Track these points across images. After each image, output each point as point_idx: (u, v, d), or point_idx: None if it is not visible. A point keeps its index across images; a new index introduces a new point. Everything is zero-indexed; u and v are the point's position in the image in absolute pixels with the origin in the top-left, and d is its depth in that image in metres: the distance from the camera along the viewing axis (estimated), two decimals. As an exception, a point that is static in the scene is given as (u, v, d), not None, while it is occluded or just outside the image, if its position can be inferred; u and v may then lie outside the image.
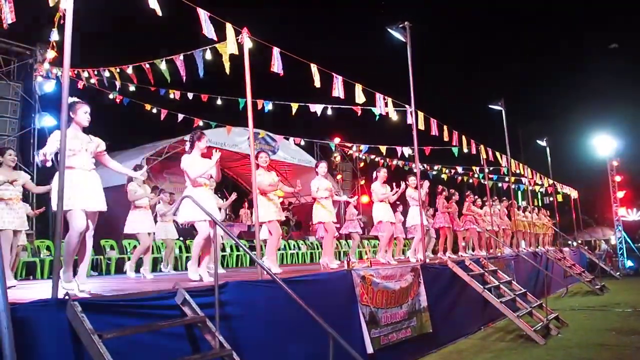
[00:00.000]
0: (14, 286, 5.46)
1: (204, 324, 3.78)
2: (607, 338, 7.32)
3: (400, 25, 8.00)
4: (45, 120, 11.86)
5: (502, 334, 8.11)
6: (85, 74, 9.69)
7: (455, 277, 8.10)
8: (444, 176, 17.31)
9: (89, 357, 3.09)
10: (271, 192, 6.60)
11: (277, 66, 5.95)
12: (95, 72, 9.32)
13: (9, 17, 4.89)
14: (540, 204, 20.25)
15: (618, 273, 18.19)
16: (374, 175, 8.65)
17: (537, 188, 19.27)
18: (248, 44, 5.29)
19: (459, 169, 17.02)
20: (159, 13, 4.54)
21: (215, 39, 5.18)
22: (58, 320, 3.16)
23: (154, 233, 7.81)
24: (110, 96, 10.82)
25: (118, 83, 9.25)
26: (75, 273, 4.33)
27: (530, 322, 7.74)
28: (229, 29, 5.22)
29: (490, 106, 12.51)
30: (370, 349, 5.78)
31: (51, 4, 4.27)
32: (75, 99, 4.52)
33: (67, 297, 3.23)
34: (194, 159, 5.63)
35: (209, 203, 5.34)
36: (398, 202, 11.25)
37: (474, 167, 16.50)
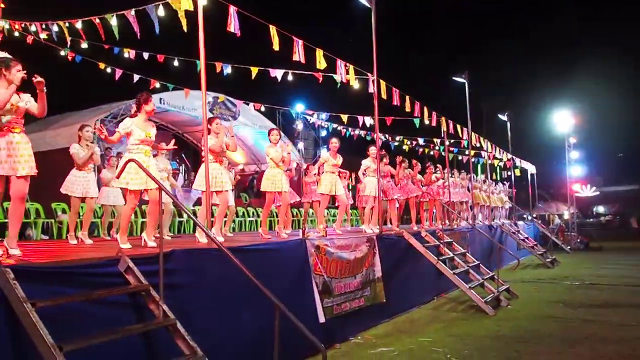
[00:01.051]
0: None
1: (148, 292, 3.65)
2: (555, 310, 7.57)
3: (366, -9, 7.80)
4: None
5: (454, 304, 8.29)
6: (33, 28, 9.12)
7: (410, 248, 8.17)
8: (405, 147, 17.40)
9: (23, 326, 2.94)
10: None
11: (233, 26, 5.70)
12: (43, 26, 8.78)
13: None
14: (498, 178, 20.67)
15: (569, 247, 18.87)
16: (327, 146, 8.55)
17: (496, 162, 19.63)
18: (203, 1, 5.02)
19: (421, 141, 17.12)
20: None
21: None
22: (-13, 288, 2.98)
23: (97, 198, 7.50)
24: (62, 53, 10.28)
25: (69, 39, 8.74)
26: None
27: (481, 293, 7.91)
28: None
29: (453, 78, 12.52)
30: (322, 318, 5.78)
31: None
32: (7, 55, 4.20)
33: (-3, 264, 3.04)
34: (133, 122, 5.32)
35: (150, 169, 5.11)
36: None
37: (435, 140, 16.63)
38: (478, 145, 14.93)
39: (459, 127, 12.49)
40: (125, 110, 13.12)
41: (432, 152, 18.13)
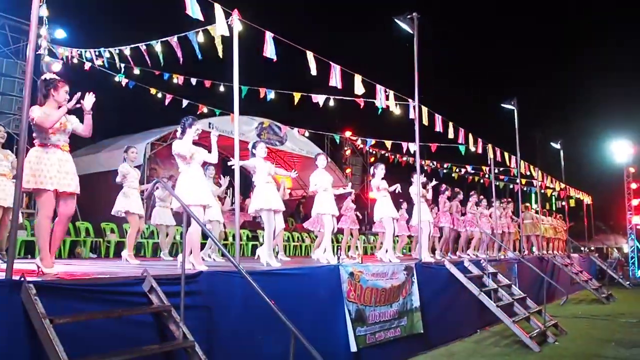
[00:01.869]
0: None
1: (169, 313, 3.64)
2: (606, 349, 7.06)
3: (408, 16, 7.77)
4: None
5: (497, 338, 7.89)
6: (88, 55, 9.60)
7: (451, 278, 7.88)
8: (454, 175, 17.02)
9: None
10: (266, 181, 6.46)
11: (270, 51, 5.76)
12: (97, 53, 9.23)
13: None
14: (552, 209, 19.84)
15: (628, 282, 17.74)
16: (372, 171, 8.43)
17: (549, 192, 18.86)
18: (238, 26, 5.11)
19: (469, 168, 16.70)
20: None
21: (201, 19, 5.01)
22: (12, 303, 3.04)
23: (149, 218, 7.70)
24: (116, 79, 10.74)
25: (121, 65, 9.14)
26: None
27: (526, 328, 7.51)
28: (218, 9, 5.05)
29: (502, 105, 12.21)
30: (354, 347, 5.63)
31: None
32: (55, 76, 4.40)
33: (22, 279, 3.11)
34: (185, 144, 5.45)
35: (202, 188, 5.21)
36: (401, 200, 11.07)
37: (484, 167, 16.18)
38: (528, 173, 14.40)
39: (506, 154, 12.10)
40: (175, 134, 13.52)
41: (481, 180, 17.63)
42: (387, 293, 6.46)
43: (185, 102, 10.99)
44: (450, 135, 9.55)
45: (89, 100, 4.31)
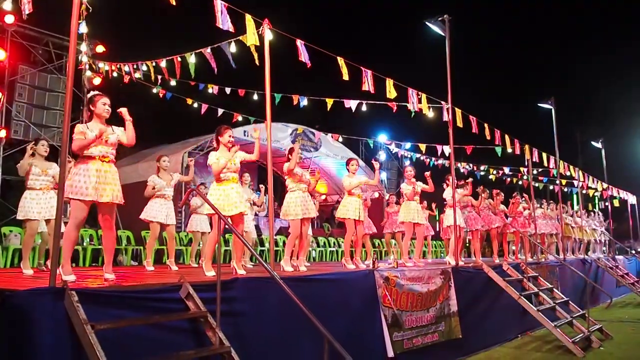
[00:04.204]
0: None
1: (206, 319, 3.70)
2: (655, 355, 6.80)
3: (440, 19, 7.70)
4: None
5: (539, 343, 7.69)
6: (127, 68, 9.90)
7: (490, 282, 7.73)
8: (491, 177, 16.72)
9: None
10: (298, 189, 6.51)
11: (303, 57, 5.83)
12: (135, 66, 9.51)
13: (27, 8, 5.01)
14: (595, 209, 19.19)
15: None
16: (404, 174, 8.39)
17: (590, 192, 18.27)
18: (269, 35, 5.18)
19: (507, 170, 16.37)
20: (173, 2, 4.49)
21: (231, 30, 5.10)
22: (55, 310, 3.15)
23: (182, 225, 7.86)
24: (154, 91, 11.03)
25: (157, 77, 9.40)
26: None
27: (570, 332, 7.29)
28: (249, 20, 5.14)
29: (539, 105, 11.93)
30: (391, 353, 5.58)
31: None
32: (95, 92, 4.58)
33: (64, 287, 3.23)
34: (219, 154, 5.53)
35: (233, 198, 5.27)
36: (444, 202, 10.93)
37: (522, 169, 15.82)
38: (568, 174, 14.00)
39: (544, 155, 11.80)
40: (212, 143, 13.78)
41: (520, 182, 17.24)
42: (424, 297, 6.39)
43: (220, 111, 11.19)
44: (487, 137, 9.39)
45: (124, 110, 4.46)
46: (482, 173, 16.82)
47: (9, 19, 9.33)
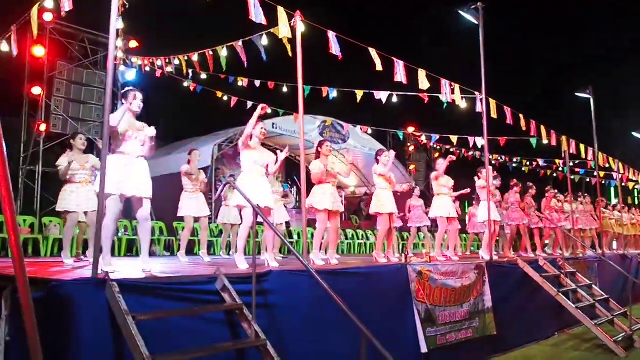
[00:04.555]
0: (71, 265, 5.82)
1: (242, 311, 3.73)
2: (701, 354, 6.56)
3: (473, 7, 7.54)
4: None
5: (577, 342, 7.49)
6: (159, 62, 10.02)
7: (526, 277, 7.57)
8: (524, 169, 16.38)
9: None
10: (328, 181, 6.47)
11: (334, 49, 5.79)
12: (167, 60, 9.61)
13: (67, 5, 5.10)
14: (635, 202, 18.62)
15: None
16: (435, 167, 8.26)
17: (630, 185, 17.72)
18: (301, 27, 5.15)
19: (541, 162, 15.99)
20: (207, -1, 4.50)
21: (264, 23, 5.09)
22: (97, 300, 3.22)
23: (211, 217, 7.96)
24: (185, 84, 11.15)
25: (189, 71, 9.50)
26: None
27: (610, 331, 7.08)
28: (281, 12, 5.12)
29: (577, 95, 11.60)
30: (424, 348, 5.53)
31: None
32: (129, 88, 4.64)
33: (106, 277, 3.29)
34: (251, 148, 5.56)
35: (260, 190, 5.29)
36: (474, 196, 10.77)
37: (557, 161, 15.44)
38: (607, 166, 13.59)
39: (582, 146, 11.48)
40: (241, 135, 13.86)
41: (554, 174, 16.83)
42: (458, 293, 6.30)
43: (249, 104, 11.23)
44: (523, 128, 9.18)
45: (151, 130, 4.52)
46: (514, 165, 16.49)
47: (48, 16, 9.54)
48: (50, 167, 11.29)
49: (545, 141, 10.36)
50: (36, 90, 11.08)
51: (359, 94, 8.97)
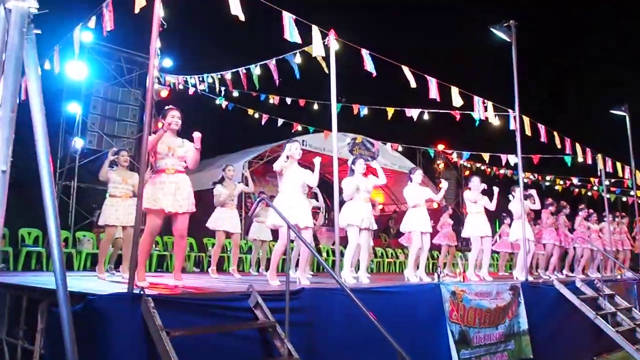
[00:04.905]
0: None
1: (274, 329, 3.71)
2: None
3: (505, 24, 7.48)
4: (160, 125, 12.71)
5: (617, 366, 7.24)
6: (193, 81, 10.21)
7: (562, 300, 7.35)
8: (558, 187, 16.02)
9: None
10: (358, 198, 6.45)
11: (369, 66, 5.81)
12: (200, 79, 9.79)
13: (109, 25, 5.25)
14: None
15: None
16: (468, 185, 8.15)
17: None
18: (335, 46, 5.19)
19: (575, 181, 15.63)
20: (242, 18, 4.57)
21: (299, 42, 5.15)
22: (133, 314, 3.24)
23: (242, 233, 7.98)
24: (217, 102, 11.32)
25: (221, 88, 9.65)
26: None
27: (651, 356, 6.80)
28: (315, 31, 5.16)
29: (612, 112, 11.35)
30: (458, 370, 5.40)
31: (136, 10, 4.48)
32: (168, 107, 4.73)
33: (141, 292, 3.31)
34: (288, 165, 5.57)
35: (297, 208, 5.29)
36: (504, 214, 10.57)
37: (592, 179, 15.06)
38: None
39: (619, 164, 11.18)
40: (271, 152, 13.98)
41: (589, 193, 16.42)
42: (492, 314, 6.16)
43: (280, 121, 11.33)
44: (554, 145, 9.01)
45: (197, 137, 4.56)
46: (547, 184, 16.16)
47: (87, 36, 9.85)
48: (85, 182, 11.57)
49: (580, 159, 10.13)
50: (73, 108, 11.40)
51: (390, 111, 8.95)
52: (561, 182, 16.05)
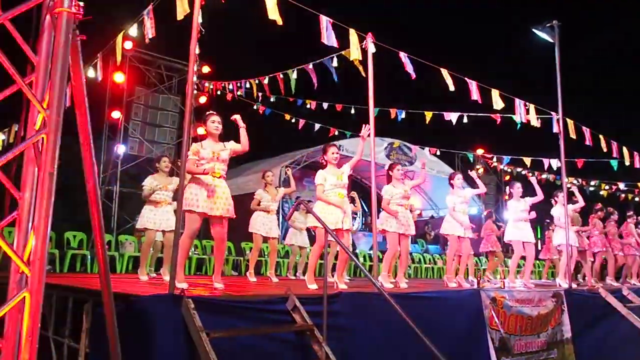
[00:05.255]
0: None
1: (312, 332, 3.70)
2: None
3: (548, 25, 7.30)
4: (199, 130, 12.94)
5: (667, 379, 6.92)
6: (231, 86, 10.37)
7: (608, 308, 7.09)
8: (603, 192, 15.49)
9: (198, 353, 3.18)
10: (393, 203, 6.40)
11: (408, 68, 5.77)
12: (238, 84, 9.93)
13: (151, 32, 5.38)
14: None
15: None
16: (508, 191, 7.97)
17: None
18: (372, 49, 5.17)
19: (621, 185, 15.08)
20: (280, 23, 4.61)
21: (336, 46, 5.15)
22: (173, 315, 3.29)
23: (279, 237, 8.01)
24: (254, 107, 11.46)
25: (259, 94, 9.76)
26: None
27: None
28: (353, 34, 5.16)
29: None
30: (499, 378, 5.27)
31: (179, 17, 4.58)
32: (209, 112, 4.82)
33: (182, 294, 3.37)
34: (325, 173, 5.58)
35: (336, 213, 5.29)
36: (547, 221, 10.31)
37: (639, 184, 14.52)
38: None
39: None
40: (308, 157, 14.04)
41: (636, 199, 15.82)
42: (534, 321, 5.99)
43: (317, 126, 11.37)
44: (599, 148, 8.72)
45: (238, 117, 4.69)
46: (591, 189, 15.65)
47: (128, 45, 10.14)
48: (127, 187, 11.88)
49: (627, 163, 9.76)
50: (115, 114, 11.73)
51: (428, 115, 8.85)
52: (607, 187, 15.52)
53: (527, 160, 12.14)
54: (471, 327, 5.34)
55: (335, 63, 6.17)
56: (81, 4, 1.77)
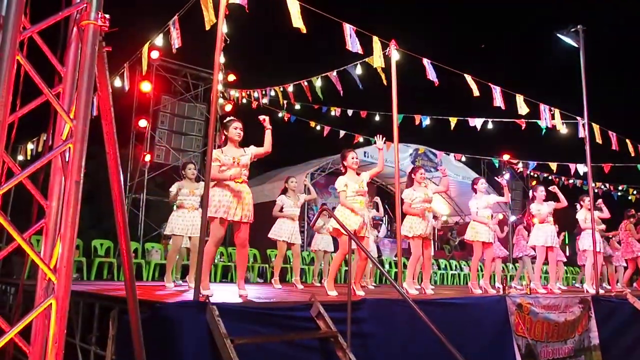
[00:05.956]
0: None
1: (336, 339, 3.71)
2: None
3: (572, 29, 7.20)
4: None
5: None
6: (256, 94, 10.48)
7: (637, 314, 6.92)
8: (631, 198, 15.13)
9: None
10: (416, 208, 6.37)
11: (431, 75, 5.76)
12: (263, 92, 10.03)
13: (177, 42, 5.49)
14: None
15: None
16: (531, 194, 7.87)
17: None
18: (395, 56, 5.18)
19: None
20: (304, 31, 4.66)
21: (360, 52, 5.17)
22: (198, 322, 3.34)
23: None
24: (280, 114, 11.55)
25: (284, 102, 9.85)
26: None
27: None
28: (376, 42, 5.18)
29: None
30: (526, 386, 5.19)
31: (207, 27, 4.65)
32: (230, 118, 4.88)
33: (207, 301, 3.42)
34: (346, 179, 5.59)
35: (357, 219, 5.29)
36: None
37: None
38: None
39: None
40: (333, 164, 14.05)
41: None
42: (561, 328, 5.89)
43: (342, 133, 11.40)
44: (626, 153, 8.54)
45: (266, 118, 4.74)
46: (619, 194, 15.29)
47: (155, 54, 10.35)
48: (153, 195, 12.07)
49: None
50: (142, 123, 11.93)
51: (453, 121, 8.80)
52: (634, 192, 15.16)
53: (553, 166, 11.94)
54: (497, 334, 5.28)
55: (359, 70, 6.19)
56: (107, 16, 1.83)
